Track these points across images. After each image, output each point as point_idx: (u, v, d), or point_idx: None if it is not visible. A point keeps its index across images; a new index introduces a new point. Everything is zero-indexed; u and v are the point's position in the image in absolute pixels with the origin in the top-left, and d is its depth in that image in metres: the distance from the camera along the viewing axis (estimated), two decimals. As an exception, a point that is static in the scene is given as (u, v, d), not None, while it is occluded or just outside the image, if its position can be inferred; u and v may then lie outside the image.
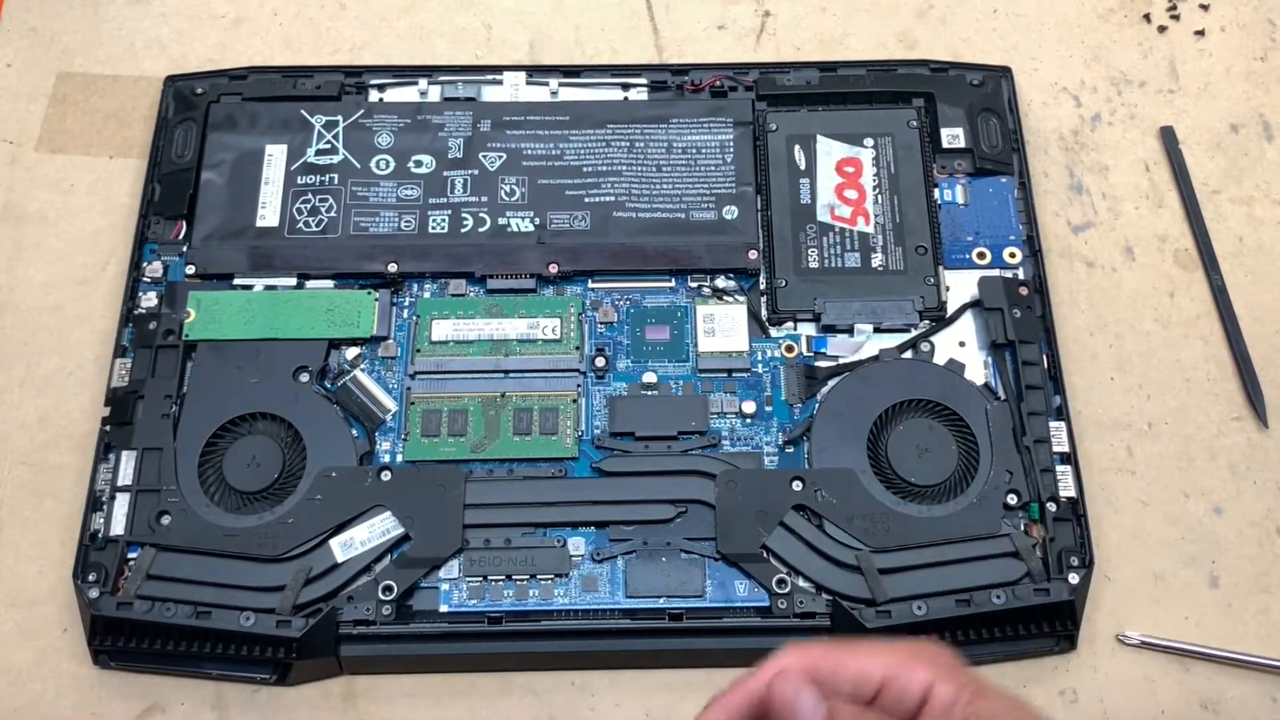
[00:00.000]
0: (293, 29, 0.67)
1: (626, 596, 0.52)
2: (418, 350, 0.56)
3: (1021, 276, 0.58)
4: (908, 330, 0.57)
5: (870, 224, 0.59)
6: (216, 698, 0.51)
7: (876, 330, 0.57)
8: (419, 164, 0.60)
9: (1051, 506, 0.52)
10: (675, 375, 0.56)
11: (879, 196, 0.60)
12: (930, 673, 0.35)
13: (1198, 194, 0.62)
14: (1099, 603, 0.53)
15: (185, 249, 0.59)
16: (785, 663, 0.36)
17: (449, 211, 0.59)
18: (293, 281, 0.58)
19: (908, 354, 0.56)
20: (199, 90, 0.62)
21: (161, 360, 0.55)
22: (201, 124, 0.61)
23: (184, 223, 0.59)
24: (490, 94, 0.63)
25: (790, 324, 0.58)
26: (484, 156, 0.61)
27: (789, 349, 0.57)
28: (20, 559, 0.54)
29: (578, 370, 0.56)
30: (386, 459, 0.54)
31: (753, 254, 0.58)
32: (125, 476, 0.53)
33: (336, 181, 0.60)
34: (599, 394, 0.56)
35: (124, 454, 0.53)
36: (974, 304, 0.57)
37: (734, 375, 0.56)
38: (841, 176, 0.60)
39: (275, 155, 0.60)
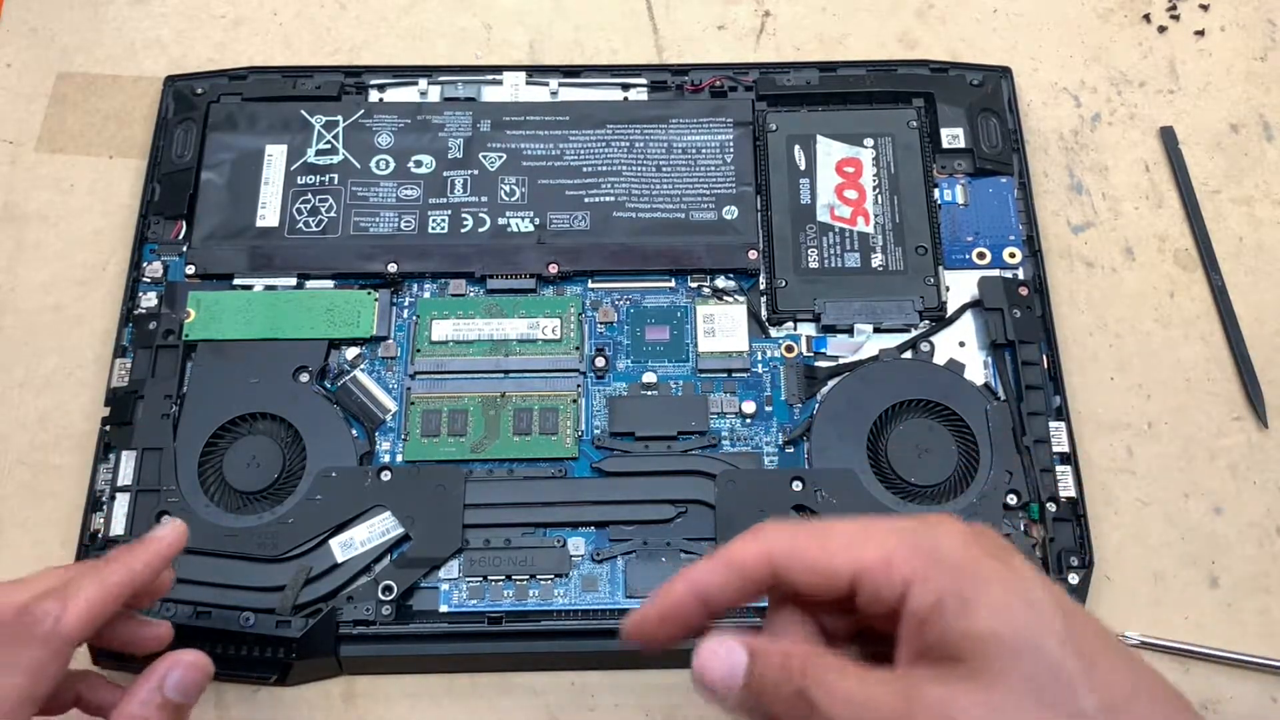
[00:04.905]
0: (293, 29, 0.67)
1: (626, 596, 0.52)
2: (418, 350, 0.56)
3: (1021, 276, 0.58)
4: (908, 330, 0.57)
5: (870, 224, 0.59)
6: (216, 698, 0.51)
7: (876, 330, 0.57)
8: (419, 164, 0.60)
9: (1051, 506, 0.52)
10: (675, 375, 0.56)
11: (879, 196, 0.60)
12: (908, 570, 0.31)
13: (1198, 194, 0.62)
14: (1099, 603, 0.53)
15: (185, 249, 0.59)
16: (751, 549, 0.33)
17: (449, 211, 0.59)
18: (293, 281, 0.58)
19: (908, 354, 0.57)
20: (199, 90, 0.62)
21: (161, 360, 0.55)
22: (201, 124, 0.61)
23: (184, 223, 0.59)
24: (490, 94, 0.63)
25: (790, 324, 0.58)
26: (484, 156, 0.61)
27: (789, 349, 0.57)
28: (20, 559, 0.54)
29: (578, 370, 0.56)
30: (386, 459, 0.54)
31: (753, 254, 0.58)
32: (125, 476, 0.53)
33: (336, 181, 0.60)
34: (599, 394, 0.56)
35: (124, 454, 0.53)
36: (974, 304, 0.57)
37: (734, 375, 0.56)
38: (841, 176, 0.60)
39: (275, 155, 0.60)
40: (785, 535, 0.33)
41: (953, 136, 0.61)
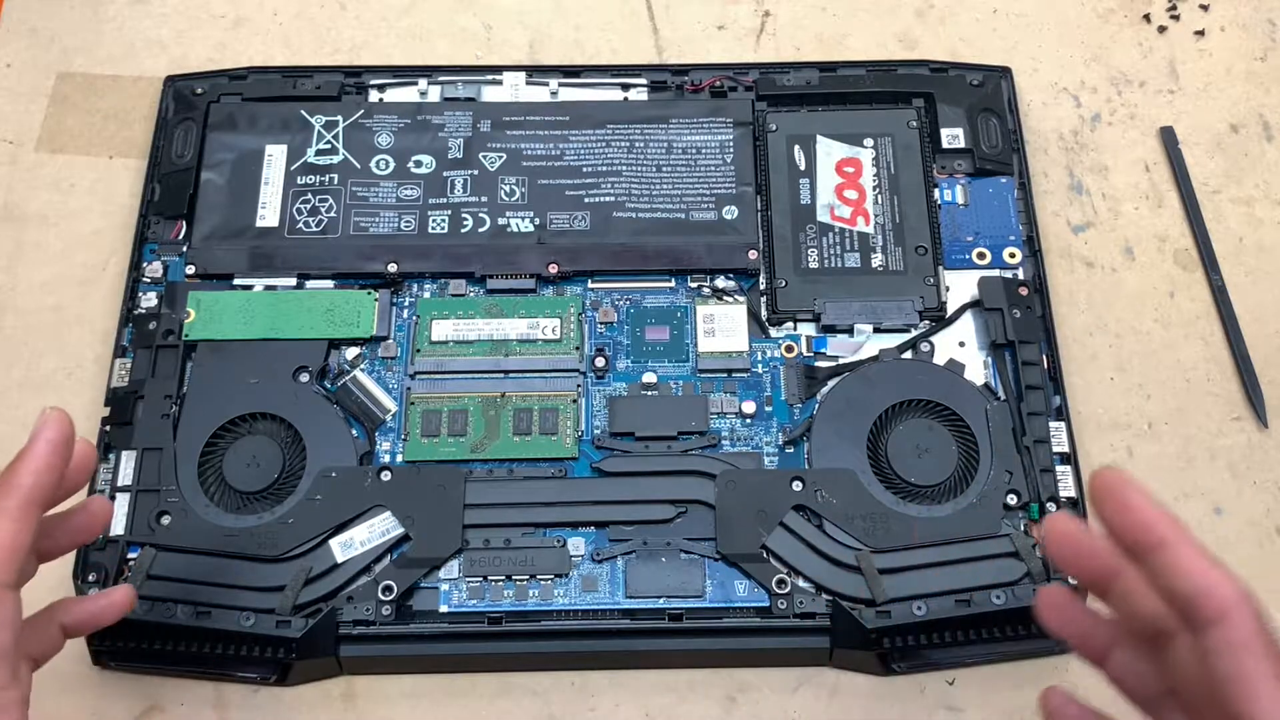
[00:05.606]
0: (293, 29, 0.67)
1: (626, 596, 0.52)
2: (418, 350, 0.56)
3: (1021, 276, 0.58)
4: (908, 330, 0.57)
5: (870, 224, 0.59)
6: (216, 698, 0.51)
7: (876, 330, 0.57)
8: (419, 164, 0.60)
9: (1051, 506, 0.52)
10: (675, 375, 0.56)
11: (879, 196, 0.60)
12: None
13: (1198, 194, 0.62)
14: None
15: (185, 249, 0.59)
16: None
17: (449, 211, 0.59)
18: (293, 281, 0.58)
19: (908, 354, 0.56)
20: (199, 90, 0.62)
21: (161, 360, 0.55)
22: (201, 124, 0.61)
23: (184, 223, 0.59)
24: (490, 94, 0.63)
25: (790, 324, 0.58)
26: (484, 156, 0.61)
27: (789, 349, 0.57)
28: (20, 559, 0.54)
29: (578, 370, 0.56)
30: (386, 459, 0.54)
31: (753, 254, 0.58)
32: (125, 476, 0.53)
33: (336, 181, 0.60)
34: (599, 394, 0.56)
35: (124, 454, 0.53)
36: (974, 304, 0.57)
37: (734, 375, 0.56)
38: (841, 177, 0.60)
39: (275, 155, 0.60)
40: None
41: (953, 136, 0.61)
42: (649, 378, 0.56)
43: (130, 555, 0.52)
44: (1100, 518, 0.34)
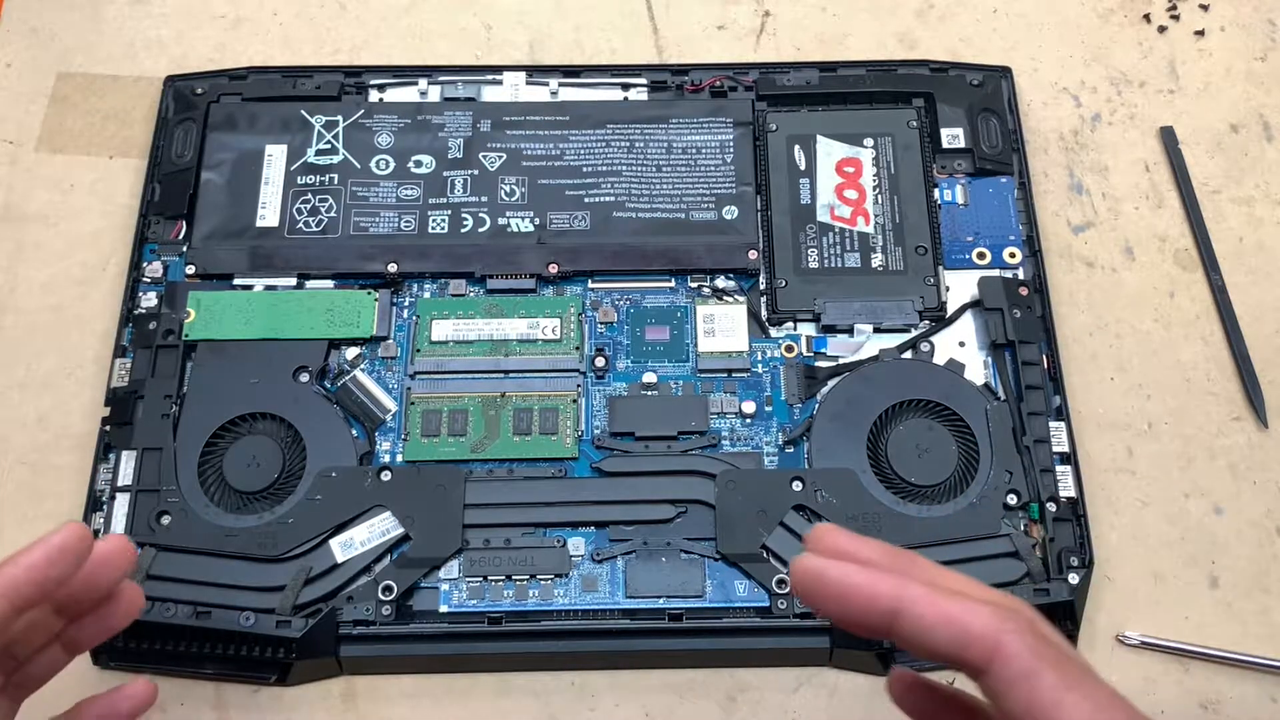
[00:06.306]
0: (293, 29, 0.67)
1: (626, 596, 0.52)
2: (418, 350, 0.56)
3: (1021, 276, 0.58)
4: (908, 330, 0.57)
5: (870, 224, 0.59)
6: (216, 698, 0.51)
7: (876, 330, 0.57)
8: (419, 164, 0.60)
9: (1051, 506, 0.52)
10: (675, 375, 0.56)
11: (879, 196, 0.60)
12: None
13: (1198, 194, 0.62)
14: (1099, 603, 0.53)
15: (185, 249, 0.59)
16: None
17: (449, 211, 0.59)
18: (293, 281, 0.58)
19: (908, 354, 0.57)
20: (199, 90, 0.62)
21: (161, 360, 0.55)
22: (201, 124, 0.61)
23: (184, 223, 0.59)
24: (490, 94, 0.63)
25: (790, 324, 0.58)
26: (484, 156, 0.61)
27: (789, 349, 0.57)
28: (20, 559, 0.54)
29: (578, 370, 0.56)
30: (386, 459, 0.54)
31: (753, 254, 0.58)
32: (125, 476, 0.53)
33: (336, 181, 0.60)
34: (599, 394, 0.56)
35: (124, 454, 0.53)
36: (974, 304, 0.57)
37: (734, 375, 0.56)
38: (841, 176, 0.60)
39: (275, 155, 0.60)
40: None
41: (953, 136, 0.61)
42: (649, 378, 0.56)
43: (130, 555, 0.52)
44: (824, 615, 0.32)
